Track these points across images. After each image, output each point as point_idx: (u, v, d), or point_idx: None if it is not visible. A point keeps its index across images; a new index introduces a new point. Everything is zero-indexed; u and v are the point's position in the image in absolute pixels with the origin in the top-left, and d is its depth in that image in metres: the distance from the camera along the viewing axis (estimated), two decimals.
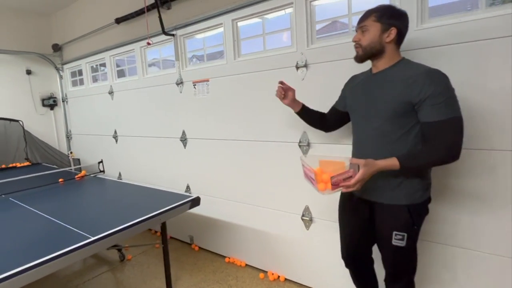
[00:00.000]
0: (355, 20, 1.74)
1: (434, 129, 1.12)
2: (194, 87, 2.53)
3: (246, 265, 2.41)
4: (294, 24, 1.91)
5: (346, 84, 1.51)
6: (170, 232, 2.93)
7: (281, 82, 1.54)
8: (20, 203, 1.99)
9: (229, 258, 2.51)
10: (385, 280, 1.41)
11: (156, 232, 3.11)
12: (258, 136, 1.71)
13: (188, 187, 2.75)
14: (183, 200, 1.84)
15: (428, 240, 1.59)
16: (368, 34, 1.23)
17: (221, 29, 2.30)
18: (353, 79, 1.48)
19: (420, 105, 1.13)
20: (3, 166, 3.32)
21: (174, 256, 2.62)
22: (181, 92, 2.63)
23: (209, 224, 2.62)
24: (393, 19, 1.20)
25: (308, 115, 1.60)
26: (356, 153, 1.38)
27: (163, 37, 2.61)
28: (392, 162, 1.13)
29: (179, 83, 2.62)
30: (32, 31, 3.85)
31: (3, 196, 2.17)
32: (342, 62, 1.73)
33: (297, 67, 1.92)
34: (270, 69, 2.04)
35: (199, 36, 2.51)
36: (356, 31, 1.29)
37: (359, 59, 1.29)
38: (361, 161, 1.12)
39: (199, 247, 2.73)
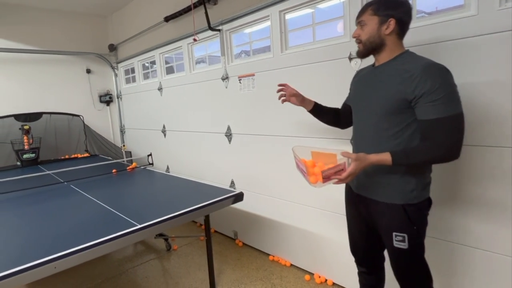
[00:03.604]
0: (419, 3, 1.58)
1: (431, 127, 1.07)
2: (240, 82, 2.50)
3: (291, 265, 2.34)
4: (347, 12, 1.78)
5: (352, 79, 1.46)
6: (214, 226, 2.97)
7: (282, 84, 1.55)
8: (78, 190, 2.15)
9: (273, 256, 2.46)
10: None
11: (201, 225, 3.17)
12: (307, 132, 1.62)
13: (232, 182, 2.75)
14: (226, 194, 1.84)
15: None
16: (367, 28, 1.20)
17: (268, 23, 2.24)
18: (358, 73, 1.43)
19: (416, 102, 1.09)
20: (67, 156, 3.65)
21: (218, 249, 2.64)
22: (226, 87, 2.63)
23: (253, 221, 2.59)
24: (390, 10, 1.16)
25: (322, 113, 1.54)
26: (355, 150, 1.36)
27: (210, 32, 2.63)
28: (384, 157, 1.11)
29: (225, 78, 2.62)
30: (91, 33, 4.16)
31: (65, 183, 2.37)
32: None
33: (350, 58, 1.78)
34: (320, 61, 1.94)
35: (247, 30, 2.48)
36: (356, 26, 1.25)
37: (361, 54, 1.26)
38: (352, 155, 1.11)
39: (243, 243, 2.73)
